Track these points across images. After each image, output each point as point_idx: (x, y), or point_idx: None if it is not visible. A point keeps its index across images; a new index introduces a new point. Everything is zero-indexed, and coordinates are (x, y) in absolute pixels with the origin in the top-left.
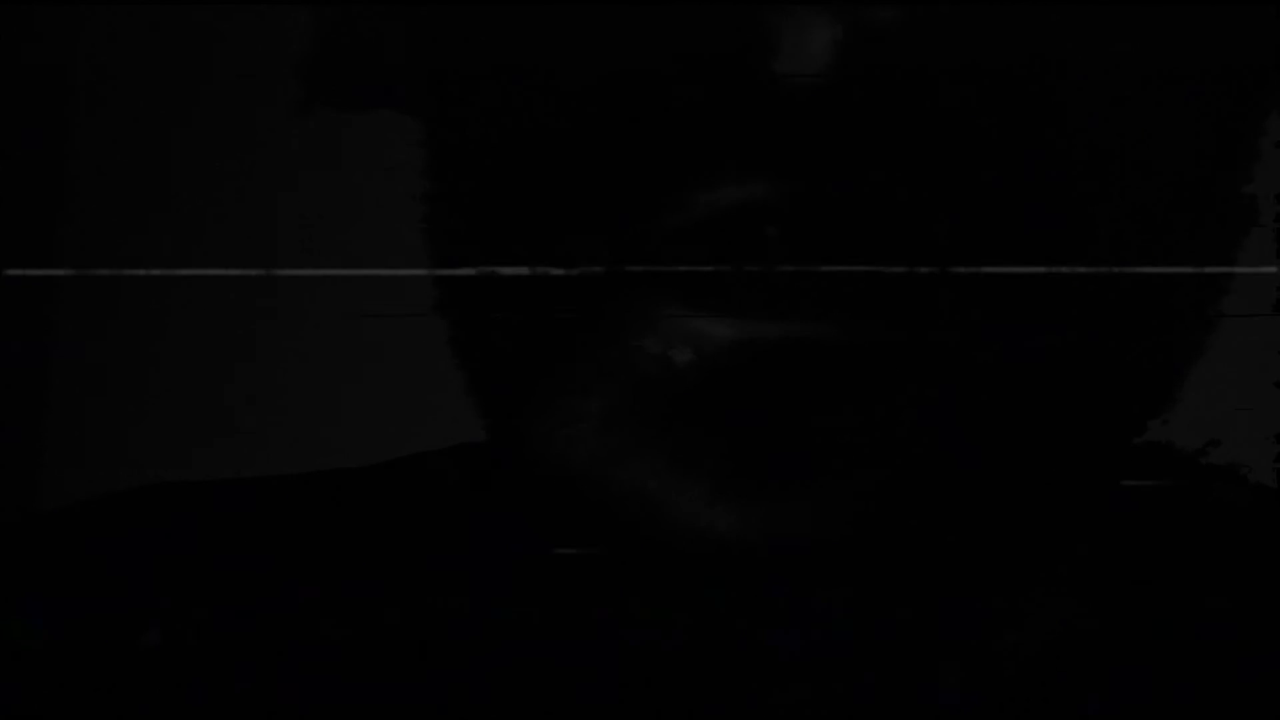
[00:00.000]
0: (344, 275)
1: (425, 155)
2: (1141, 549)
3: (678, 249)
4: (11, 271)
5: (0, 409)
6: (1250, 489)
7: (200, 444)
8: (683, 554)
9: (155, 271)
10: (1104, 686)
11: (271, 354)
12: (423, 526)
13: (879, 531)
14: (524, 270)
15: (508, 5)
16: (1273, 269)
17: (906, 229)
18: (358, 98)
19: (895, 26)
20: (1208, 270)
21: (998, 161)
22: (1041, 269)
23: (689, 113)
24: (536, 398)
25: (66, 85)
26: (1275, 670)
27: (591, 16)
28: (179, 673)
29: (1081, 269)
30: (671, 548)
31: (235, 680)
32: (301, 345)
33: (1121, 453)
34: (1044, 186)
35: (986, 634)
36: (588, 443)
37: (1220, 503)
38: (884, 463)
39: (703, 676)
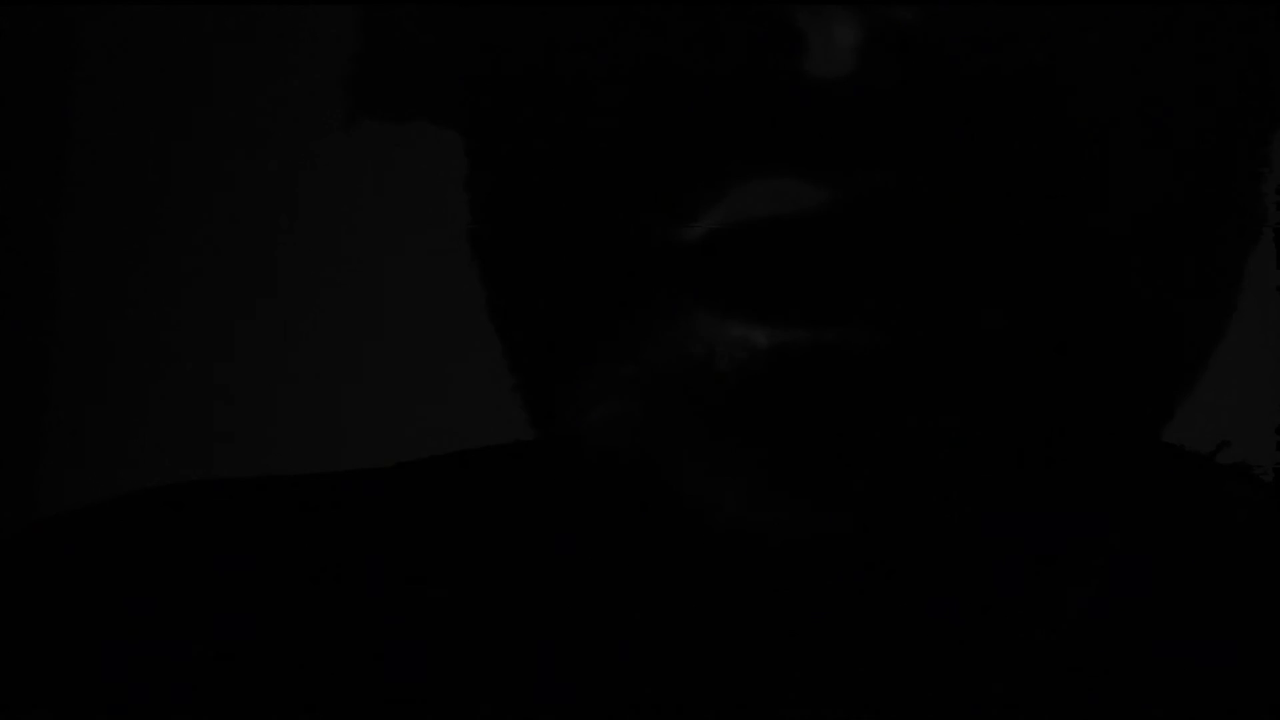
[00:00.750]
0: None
1: (465, 161)
2: (1154, 545)
3: (715, 252)
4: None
5: (1, 411)
6: (1260, 486)
7: (201, 444)
8: (723, 553)
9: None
10: (1119, 679)
11: (279, 353)
12: (458, 524)
13: (912, 531)
14: (568, 272)
15: (543, 14)
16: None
17: (935, 231)
18: (399, 109)
19: (920, 25)
20: (1218, 271)
21: (1020, 162)
22: (1061, 271)
23: (723, 117)
24: (581, 397)
25: (66, 85)
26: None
27: (625, 23)
28: (205, 672)
29: (1096, 270)
30: (713, 547)
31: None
32: (312, 346)
33: (1136, 449)
34: (1064, 186)
35: (1014, 627)
36: (631, 442)
37: (1229, 499)
38: (918, 464)
39: (738, 674)
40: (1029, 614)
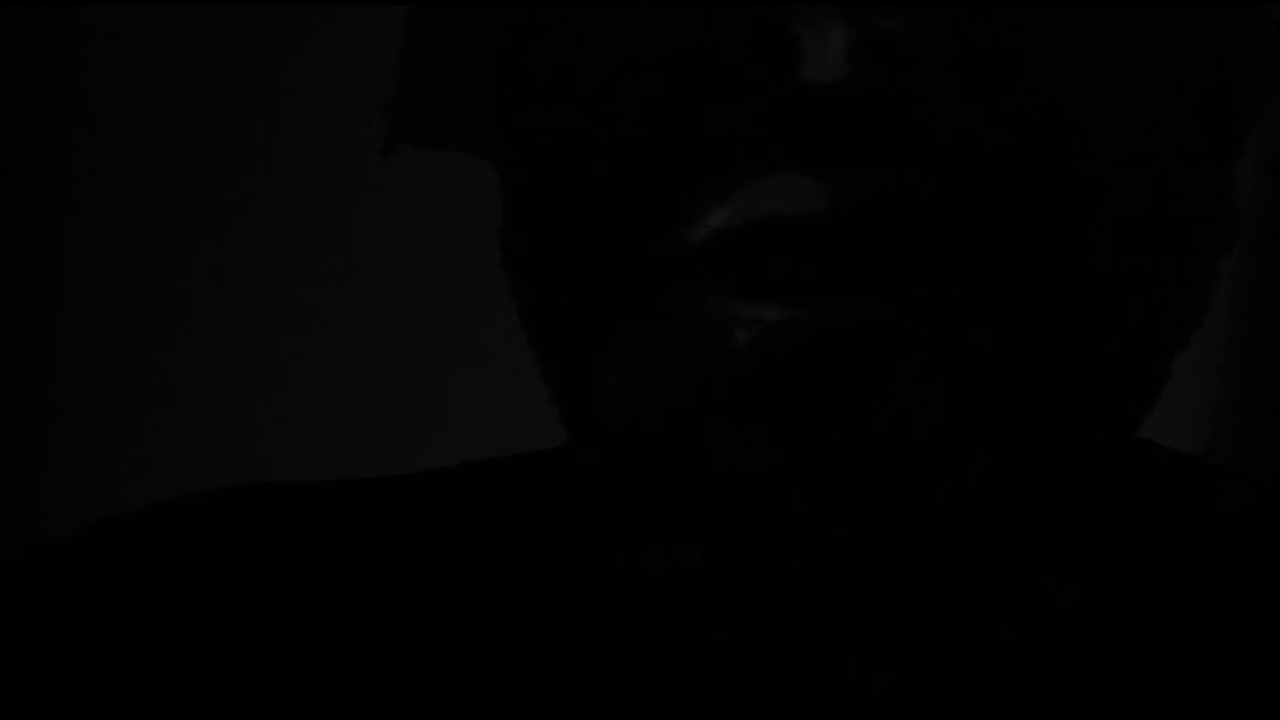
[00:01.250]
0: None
1: (499, 174)
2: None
3: (725, 245)
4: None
5: (0, 410)
6: (1255, 485)
7: (201, 446)
8: (749, 510)
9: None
10: (1104, 675)
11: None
12: (504, 527)
13: (900, 504)
14: (592, 271)
15: (562, 28)
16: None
17: (926, 224)
18: (436, 137)
19: (907, 34)
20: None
21: (1005, 160)
22: (1046, 263)
23: (728, 123)
24: (610, 382)
25: (66, 85)
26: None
27: (634, 39)
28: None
29: (1081, 264)
30: (743, 508)
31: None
32: (313, 346)
33: (1122, 448)
34: (1048, 184)
35: (999, 622)
36: (659, 420)
37: (1223, 499)
38: (906, 437)
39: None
40: (1014, 608)
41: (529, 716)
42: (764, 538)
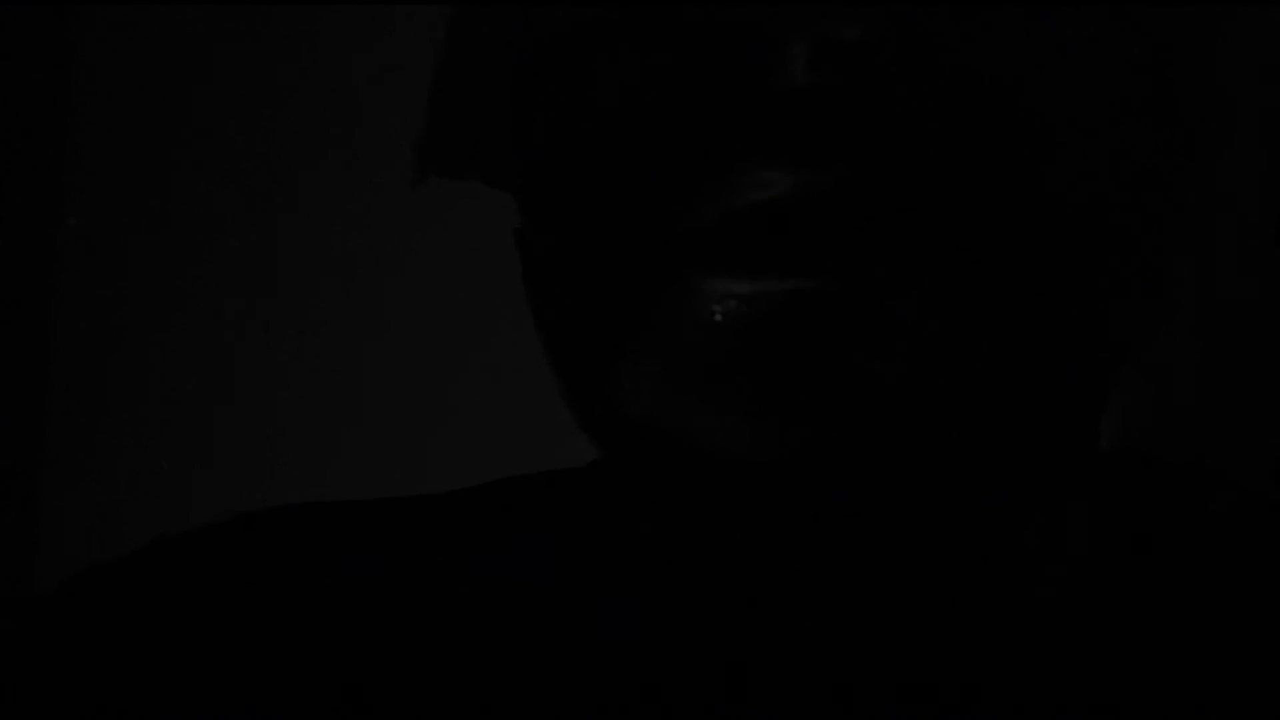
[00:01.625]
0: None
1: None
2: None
3: (710, 233)
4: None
5: (1, 412)
6: (1245, 491)
7: (202, 447)
8: (727, 472)
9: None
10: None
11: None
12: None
13: (871, 455)
14: (601, 266)
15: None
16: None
17: (885, 209)
18: (458, 169)
19: (864, 44)
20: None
21: (961, 156)
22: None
23: (711, 129)
24: (610, 367)
25: (66, 85)
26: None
27: (624, 55)
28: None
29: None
30: (727, 492)
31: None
32: (314, 347)
33: (1105, 449)
34: (1002, 178)
35: (978, 613)
36: (652, 401)
37: (1211, 501)
38: (865, 402)
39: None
40: (1006, 604)
41: None
42: (754, 526)
